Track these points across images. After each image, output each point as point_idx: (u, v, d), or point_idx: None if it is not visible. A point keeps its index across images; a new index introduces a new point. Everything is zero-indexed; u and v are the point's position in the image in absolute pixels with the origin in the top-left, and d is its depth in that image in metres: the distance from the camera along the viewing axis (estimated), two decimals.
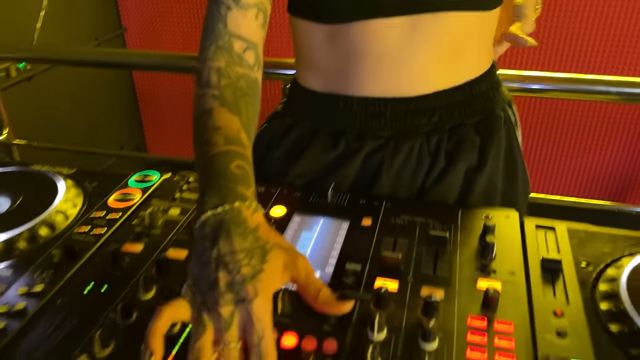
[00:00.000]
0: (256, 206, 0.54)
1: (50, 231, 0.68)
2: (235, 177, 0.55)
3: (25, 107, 2.15)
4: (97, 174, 0.82)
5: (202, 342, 0.45)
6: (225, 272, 0.48)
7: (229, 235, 0.50)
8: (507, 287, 0.58)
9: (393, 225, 0.68)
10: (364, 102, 0.76)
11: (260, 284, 0.48)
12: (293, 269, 0.51)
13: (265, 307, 0.48)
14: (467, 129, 0.78)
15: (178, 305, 0.48)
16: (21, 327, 0.54)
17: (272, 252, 0.51)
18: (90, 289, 0.59)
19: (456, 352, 0.50)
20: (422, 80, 0.74)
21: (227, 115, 0.60)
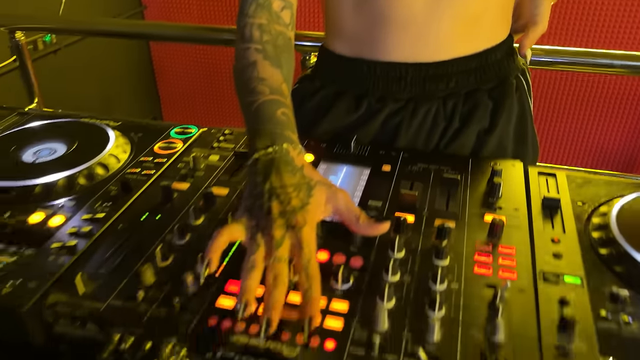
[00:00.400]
0: (301, 149, 0.62)
1: (105, 171, 0.77)
2: (282, 122, 0.63)
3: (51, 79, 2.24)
4: (141, 126, 0.90)
5: (255, 256, 0.54)
6: (277, 202, 0.57)
7: (279, 172, 0.58)
8: (511, 220, 0.66)
9: (410, 172, 0.76)
10: (387, 66, 0.83)
11: (308, 214, 0.56)
12: (334, 202, 0.60)
13: (312, 234, 0.56)
14: (481, 94, 0.85)
15: (235, 228, 0.57)
16: (88, 246, 0.63)
17: (317, 187, 0.59)
18: (146, 217, 0.68)
19: (465, 268, 0.58)
20: (442, 48, 0.82)
21: (270, 68, 0.68)
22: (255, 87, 0.66)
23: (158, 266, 0.59)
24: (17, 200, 0.71)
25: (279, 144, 0.61)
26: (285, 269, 0.54)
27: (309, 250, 0.54)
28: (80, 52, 2.41)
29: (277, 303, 0.51)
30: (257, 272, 0.53)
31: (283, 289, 0.52)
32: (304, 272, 0.53)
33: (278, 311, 0.50)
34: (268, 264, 0.54)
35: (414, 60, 0.82)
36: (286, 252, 0.55)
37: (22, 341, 0.56)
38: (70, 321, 0.54)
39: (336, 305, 0.54)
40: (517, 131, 0.86)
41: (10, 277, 0.57)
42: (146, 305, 0.54)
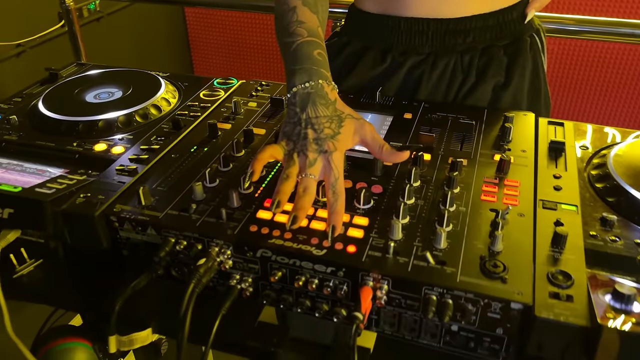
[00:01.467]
0: (334, 85, 0.71)
1: (158, 112, 0.87)
2: (318, 61, 0.71)
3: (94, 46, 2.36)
4: (186, 77, 1.00)
5: (291, 170, 0.64)
6: (312, 130, 0.66)
7: (314, 104, 0.67)
8: (518, 160, 0.73)
9: (429, 119, 0.84)
10: (410, 22, 0.91)
11: (338, 142, 0.65)
12: (362, 133, 0.68)
13: (340, 159, 0.65)
14: (496, 49, 0.91)
15: (275, 148, 0.66)
16: (147, 169, 0.73)
17: (346, 119, 0.68)
18: (195, 149, 0.77)
19: (473, 195, 0.66)
20: (462, 4, 0.88)
21: (309, 13, 0.76)
22: (295, 30, 0.74)
23: (207, 186, 0.69)
24: (83, 133, 0.81)
25: (315, 80, 0.69)
26: (313, 184, 0.63)
27: (337, 172, 0.63)
28: (122, 20, 2.53)
29: (303, 206, 0.60)
30: (290, 181, 0.63)
31: (310, 199, 0.62)
32: (331, 189, 0.62)
33: (303, 212, 0.60)
34: (300, 178, 0.63)
35: (435, 15, 0.89)
36: (317, 171, 0.64)
37: (94, 246, 0.67)
38: (133, 227, 0.65)
39: (358, 220, 0.63)
40: (530, 87, 0.93)
41: (82, 191, 0.68)
42: (198, 215, 0.64)
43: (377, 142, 0.68)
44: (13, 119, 0.85)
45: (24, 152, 0.79)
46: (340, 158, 0.65)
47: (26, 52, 2.01)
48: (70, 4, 1.85)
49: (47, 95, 0.90)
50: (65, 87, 0.94)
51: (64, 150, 0.78)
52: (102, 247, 0.67)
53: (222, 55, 3.11)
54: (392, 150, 0.68)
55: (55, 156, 0.77)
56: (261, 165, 0.64)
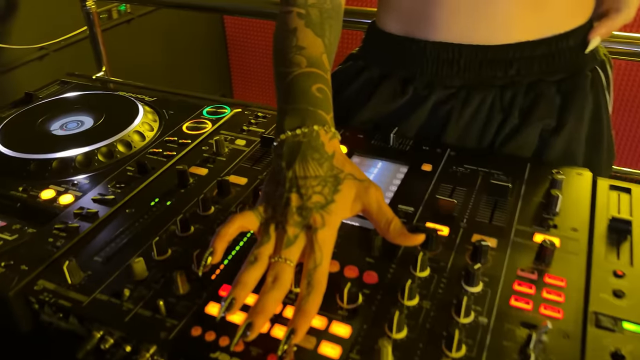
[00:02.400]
0: (334, 132, 0.54)
1: (127, 149, 0.73)
2: (316, 100, 0.55)
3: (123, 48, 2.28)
4: (175, 102, 0.86)
5: (262, 250, 0.47)
6: (297, 196, 0.50)
7: (304, 160, 0.51)
8: (566, 243, 0.55)
9: (454, 173, 0.67)
10: (438, 47, 0.73)
11: (329, 215, 0.49)
12: (365, 200, 0.51)
13: (329, 238, 0.49)
14: (547, 85, 0.73)
15: (248, 216, 0.50)
16: (91, 229, 0.59)
17: (345, 182, 0.51)
18: (157, 202, 0.63)
19: (500, 298, 0.49)
20: (503, 28, 0.70)
21: (312, 36, 0.60)
22: (292, 58, 0.58)
23: (155, 259, 0.54)
24: (34, 174, 0.69)
25: (308, 125, 0.53)
26: (288, 272, 0.47)
27: (320, 255, 0.47)
28: (153, 23, 2.44)
29: (266, 307, 0.44)
30: (258, 267, 0.47)
31: (279, 294, 0.45)
32: (307, 279, 0.46)
33: (264, 317, 0.44)
34: (272, 262, 0.47)
35: (470, 41, 0.71)
36: (295, 254, 0.48)
37: (10, 326, 0.53)
38: (54, 312, 0.51)
39: (337, 329, 0.46)
40: (589, 134, 0.73)
41: (4, 258, 0.55)
42: (132, 304, 0.50)
43: (384, 215, 0.51)
44: None
45: None
46: (329, 237, 0.49)
47: (49, 56, 1.95)
48: (92, 7, 1.76)
49: (7, 124, 0.78)
50: (31, 114, 0.81)
51: (6, 197, 0.65)
52: (22, 330, 0.53)
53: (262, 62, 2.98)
54: (402, 228, 0.51)
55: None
56: (225, 243, 0.48)
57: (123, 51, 2.29)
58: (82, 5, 1.76)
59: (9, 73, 1.84)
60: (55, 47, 1.94)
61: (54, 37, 1.92)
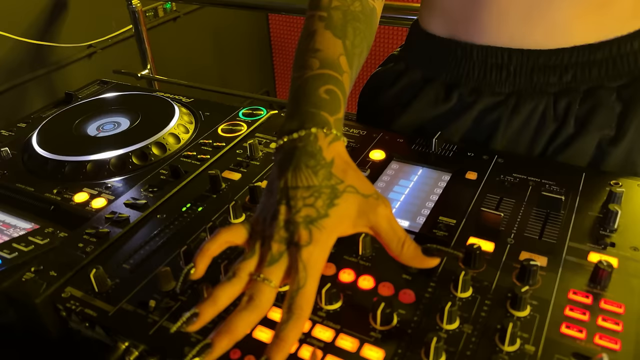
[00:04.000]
0: (336, 135, 0.48)
1: (162, 151, 0.72)
2: (322, 101, 0.50)
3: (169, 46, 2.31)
4: (211, 104, 0.85)
5: (241, 266, 0.43)
6: (286, 208, 0.45)
7: (298, 167, 0.46)
8: (625, 264, 0.50)
9: (501, 182, 0.62)
10: (485, 51, 0.68)
11: (319, 230, 0.44)
12: (372, 217, 0.46)
13: (317, 257, 0.43)
14: (606, 92, 0.66)
15: (236, 230, 0.46)
16: (121, 235, 0.58)
17: (344, 195, 0.46)
18: (188, 208, 0.62)
19: (549, 324, 0.45)
20: (559, 32, 0.65)
21: (330, 37, 0.56)
22: (306, 61, 0.54)
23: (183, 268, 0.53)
24: (68, 176, 0.69)
25: (307, 128, 0.47)
26: (267, 293, 0.42)
27: (304, 276, 0.42)
28: (198, 21, 2.46)
29: (233, 328, 0.40)
30: (235, 283, 0.43)
31: (253, 317, 0.41)
32: (288, 302, 0.42)
33: (229, 338, 0.40)
34: (252, 280, 0.43)
35: (521, 45, 0.66)
36: (278, 274, 0.43)
37: (40, 332, 0.53)
38: (80, 320, 0.50)
39: (369, 353, 0.43)
40: None
41: (34, 263, 0.54)
42: (157, 316, 0.48)
43: (396, 234, 0.46)
44: (4, 152, 0.74)
45: (1, 196, 0.67)
46: (317, 256, 0.43)
47: (97, 54, 1.99)
48: (138, 5, 1.79)
49: (45, 125, 0.78)
50: (69, 115, 0.82)
51: (40, 199, 0.65)
52: (51, 336, 0.53)
53: None
54: (416, 250, 0.47)
55: (30, 205, 0.65)
56: (208, 259, 0.44)
57: (169, 49, 2.32)
58: (128, 4, 1.79)
59: (60, 71, 1.89)
60: (103, 45, 1.98)
61: (101, 36, 1.96)
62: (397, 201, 0.61)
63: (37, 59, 1.80)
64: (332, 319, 0.47)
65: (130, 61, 2.05)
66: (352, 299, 0.48)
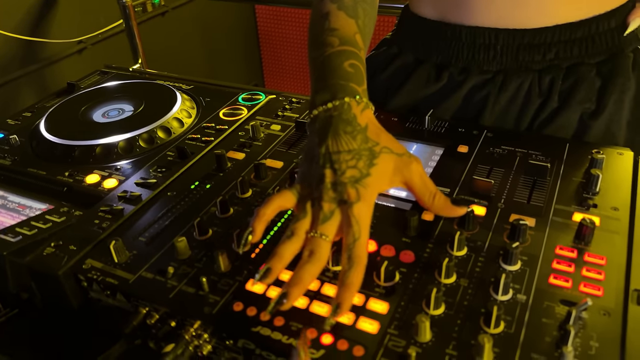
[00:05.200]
0: (367, 103, 0.53)
1: (167, 135, 0.75)
2: (348, 74, 0.55)
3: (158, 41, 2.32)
4: (211, 90, 0.88)
5: (298, 225, 0.48)
6: (331, 171, 0.50)
7: (337, 134, 0.51)
8: (606, 222, 0.54)
9: (491, 154, 0.66)
10: (473, 32, 0.72)
11: (364, 188, 0.49)
12: (406, 173, 0.51)
13: (366, 211, 0.48)
14: (587, 68, 0.71)
15: (286, 195, 0.50)
16: (135, 211, 0.61)
17: (382, 155, 0.51)
18: (197, 186, 0.65)
19: (538, 276, 0.49)
20: (541, 11, 0.69)
21: (344, 17, 0.60)
22: (325, 40, 0.58)
23: (197, 239, 0.56)
24: (79, 159, 0.71)
25: (339, 98, 0.52)
26: (324, 247, 0.47)
27: (357, 229, 0.47)
28: (187, 15, 2.47)
29: (302, 279, 0.45)
30: (295, 241, 0.47)
31: (315, 269, 0.46)
32: (347, 253, 0.46)
33: (300, 288, 0.45)
34: (308, 238, 0.48)
35: (506, 25, 0.70)
36: (332, 230, 0.48)
37: (62, 302, 0.56)
38: (102, 289, 0.53)
39: (374, 305, 0.47)
40: (631, 117, 0.71)
41: (53, 239, 0.57)
42: (176, 281, 0.51)
43: (428, 187, 0.52)
44: (13, 139, 0.77)
45: (13, 180, 0.70)
46: (366, 211, 0.49)
47: (88, 49, 2.00)
48: (127, 0, 1.80)
49: (52, 113, 0.81)
50: (74, 103, 0.84)
51: (53, 181, 0.68)
52: (72, 307, 0.56)
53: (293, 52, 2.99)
54: (446, 201, 0.52)
55: (43, 187, 0.68)
56: (264, 224, 0.49)
57: (158, 43, 2.33)
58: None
59: (51, 66, 1.89)
60: (93, 40, 1.99)
61: (92, 31, 1.97)
62: None
63: (28, 55, 1.81)
64: None
65: (120, 56, 2.07)
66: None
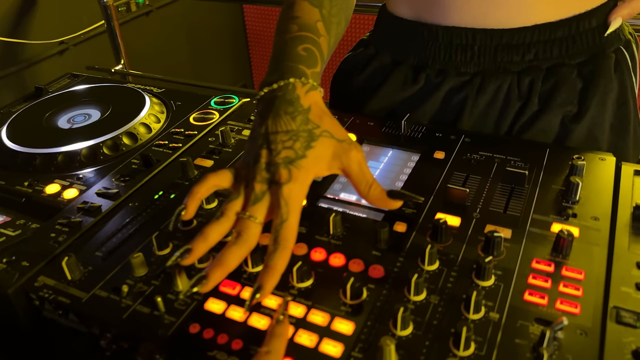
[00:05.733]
0: (314, 85, 0.52)
1: (133, 141, 0.72)
2: (299, 57, 0.53)
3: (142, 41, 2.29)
4: (183, 93, 0.85)
5: (229, 206, 0.47)
6: (267, 151, 0.49)
7: (277, 114, 0.50)
8: (585, 233, 0.52)
9: (468, 161, 0.64)
10: (450, 32, 0.70)
11: (297, 169, 0.48)
12: (344, 159, 0.50)
13: (297, 193, 0.47)
14: (567, 69, 0.68)
15: (223, 174, 0.50)
16: (93, 224, 0.58)
17: (321, 139, 0.49)
18: (161, 195, 0.62)
19: (513, 292, 0.46)
20: (519, 11, 0.66)
21: (308, 6, 0.59)
22: (286, 27, 0.57)
23: (156, 254, 0.53)
24: (40, 168, 0.68)
25: (285, 78, 0.51)
26: (252, 229, 0.46)
27: (286, 211, 0.46)
28: (172, 15, 2.44)
29: (226, 261, 0.44)
30: (223, 222, 0.47)
31: (241, 251, 0.45)
32: (274, 235, 0.45)
33: (222, 271, 0.44)
34: (238, 218, 0.47)
35: (484, 25, 0.67)
36: (262, 211, 0.47)
37: (13, 323, 0.53)
38: (54, 309, 0.50)
39: (339, 326, 0.44)
40: (614, 119, 0.69)
41: (5, 254, 0.54)
42: (130, 300, 0.49)
43: (365, 177, 0.50)
44: None
45: None
46: (297, 192, 0.47)
47: (69, 50, 1.96)
48: (109, 0, 1.77)
49: (15, 118, 0.78)
50: (39, 108, 0.81)
51: (11, 192, 0.65)
52: (24, 328, 0.53)
53: None
54: (382, 192, 0.50)
55: (1, 198, 0.65)
56: (197, 201, 0.48)
57: (143, 44, 2.30)
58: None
59: (31, 68, 1.86)
60: (75, 41, 1.95)
61: (74, 32, 1.94)
62: None
63: (8, 56, 1.77)
64: (304, 296, 0.47)
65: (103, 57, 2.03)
66: (324, 276, 0.49)
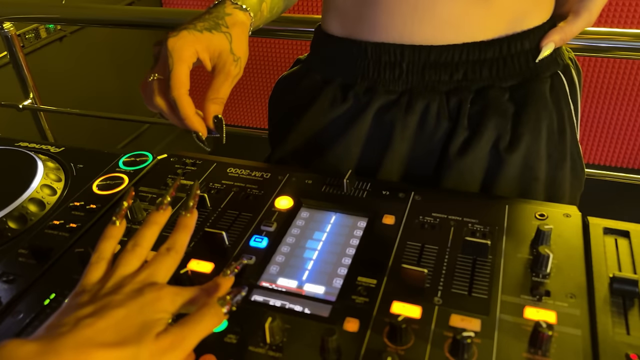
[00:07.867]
0: (242, 7, 0.60)
1: (21, 224, 0.59)
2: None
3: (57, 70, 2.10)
4: (86, 152, 0.72)
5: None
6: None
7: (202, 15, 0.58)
8: (564, 318, 0.44)
9: (421, 225, 0.55)
10: (379, 48, 0.65)
11: (187, 32, 0.55)
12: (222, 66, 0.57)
13: (179, 45, 0.54)
14: (498, 92, 0.64)
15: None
16: None
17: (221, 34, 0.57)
18: (52, 300, 0.50)
19: None
20: (446, 27, 0.62)
21: None
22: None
23: None
24: None
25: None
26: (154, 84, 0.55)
27: (171, 60, 0.54)
28: (90, 39, 2.24)
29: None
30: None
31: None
32: (170, 81, 0.53)
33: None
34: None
35: (411, 41, 0.63)
36: (159, 70, 0.55)
37: None
38: None
39: None
40: (552, 149, 0.64)
41: None
42: None
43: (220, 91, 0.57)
44: None
45: None
46: (177, 44, 0.54)
47: None
48: (10, 29, 1.58)
49: None
50: None
51: None
52: None
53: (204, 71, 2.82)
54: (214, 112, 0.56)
55: None
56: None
57: (57, 73, 2.10)
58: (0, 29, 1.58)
59: None
60: None
61: None
62: (310, 260, 0.53)
63: None
64: None
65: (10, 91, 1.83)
66: None
